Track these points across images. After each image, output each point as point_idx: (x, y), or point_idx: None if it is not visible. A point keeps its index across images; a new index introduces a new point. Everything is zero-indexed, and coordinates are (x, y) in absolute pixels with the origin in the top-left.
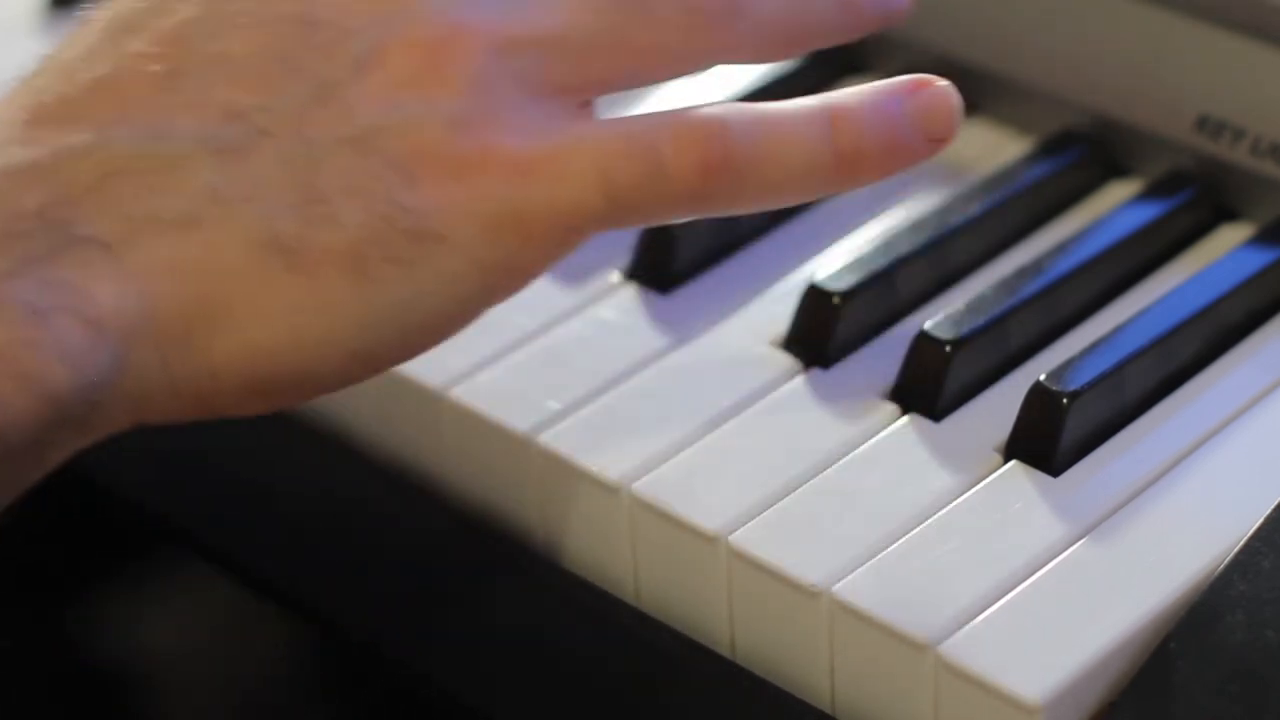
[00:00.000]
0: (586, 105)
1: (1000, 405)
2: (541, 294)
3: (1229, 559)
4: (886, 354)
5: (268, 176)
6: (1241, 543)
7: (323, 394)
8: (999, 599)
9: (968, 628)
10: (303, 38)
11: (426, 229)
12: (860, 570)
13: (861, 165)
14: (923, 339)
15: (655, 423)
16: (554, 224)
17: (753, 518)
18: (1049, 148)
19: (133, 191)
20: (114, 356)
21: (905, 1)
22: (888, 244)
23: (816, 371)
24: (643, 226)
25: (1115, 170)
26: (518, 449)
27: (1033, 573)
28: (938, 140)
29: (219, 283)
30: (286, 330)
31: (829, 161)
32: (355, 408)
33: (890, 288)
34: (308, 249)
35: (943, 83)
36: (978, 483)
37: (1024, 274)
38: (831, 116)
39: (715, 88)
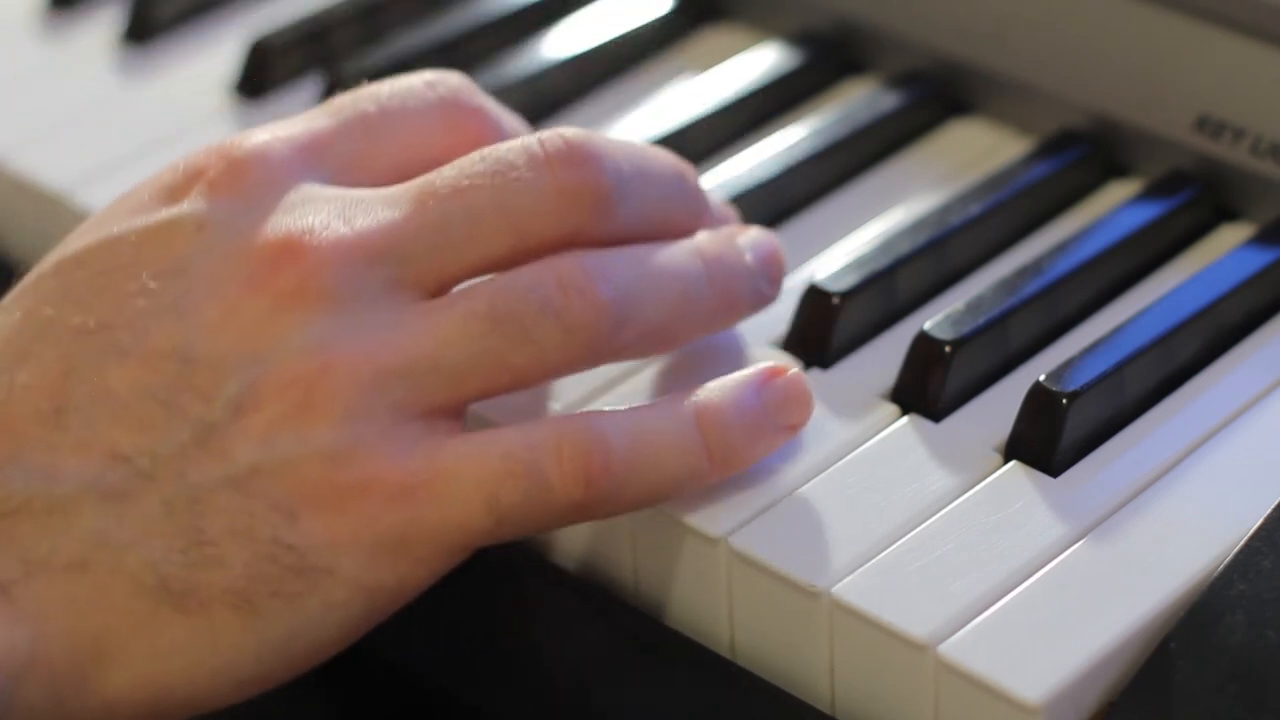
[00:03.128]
0: (461, 414)
1: (1000, 405)
2: None
3: (1229, 559)
4: (886, 354)
5: (152, 520)
6: (1241, 543)
7: (216, 710)
8: (999, 599)
9: (968, 628)
10: (181, 377)
11: (311, 564)
12: (860, 570)
13: (732, 460)
14: (923, 339)
15: None
16: (442, 545)
17: (753, 518)
18: (1049, 148)
19: (27, 533)
20: (4, 693)
21: (775, 291)
22: (888, 244)
23: (816, 371)
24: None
25: (1115, 170)
26: None
27: (1033, 573)
28: (793, 427)
29: (110, 623)
30: (179, 665)
31: (704, 463)
32: None
33: (890, 288)
34: (195, 590)
35: (793, 370)
36: (978, 483)
37: (1024, 274)
38: (698, 419)
39: (712, 84)
